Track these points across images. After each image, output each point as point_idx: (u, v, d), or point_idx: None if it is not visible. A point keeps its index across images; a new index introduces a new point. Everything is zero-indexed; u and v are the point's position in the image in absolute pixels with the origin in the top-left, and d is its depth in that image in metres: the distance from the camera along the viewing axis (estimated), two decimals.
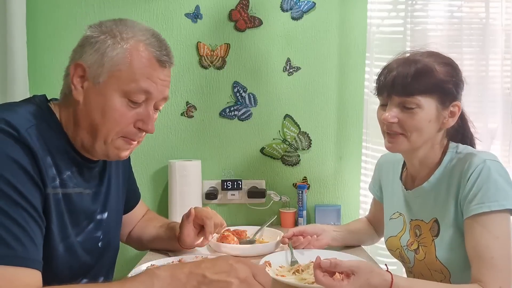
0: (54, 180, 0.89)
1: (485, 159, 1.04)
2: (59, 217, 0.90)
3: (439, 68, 1.07)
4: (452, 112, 1.10)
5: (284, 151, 1.88)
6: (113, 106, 0.91)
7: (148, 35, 0.94)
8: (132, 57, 0.91)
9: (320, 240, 1.35)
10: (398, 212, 1.26)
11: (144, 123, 0.94)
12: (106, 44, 0.91)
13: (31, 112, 0.89)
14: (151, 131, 0.96)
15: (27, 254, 0.77)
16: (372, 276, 0.94)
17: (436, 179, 1.14)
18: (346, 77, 1.86)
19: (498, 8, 1.79)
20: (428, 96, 1.06)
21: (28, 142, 0.82)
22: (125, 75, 0.91)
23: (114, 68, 0.90)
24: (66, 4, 1.80)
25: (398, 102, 1.08)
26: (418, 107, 1.06)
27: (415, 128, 1.08)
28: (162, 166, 1.85)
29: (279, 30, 1.84)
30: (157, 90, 0.94)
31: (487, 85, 1.80)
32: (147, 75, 0.92)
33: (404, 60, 1.10)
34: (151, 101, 0.95)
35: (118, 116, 0.91)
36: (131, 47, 0.91)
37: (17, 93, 1.68)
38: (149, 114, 0.95)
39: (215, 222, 1.17)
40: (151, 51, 0.93)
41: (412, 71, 1.06)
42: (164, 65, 0.95)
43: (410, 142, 1.10)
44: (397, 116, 1.08)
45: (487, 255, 0.98)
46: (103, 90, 0.91)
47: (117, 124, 0.92)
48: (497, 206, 0.99)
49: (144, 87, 0.92)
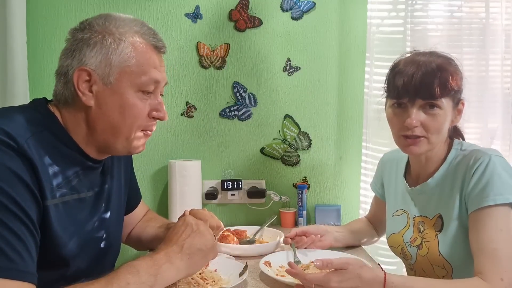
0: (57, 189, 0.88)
1: (490, 154, 1.05)
2: (61, 224, 0.89)
3: (450, 68, 1.09)
4: (459, 110, 1.13)
5: (284, 151, 1.88)
6: (131, 102, 0.92)
7: (140, 25, 0.96)
8: (136, 51, 0.92)
9: (323, 241, 1.35)
10: (402, 209, 1.26)
11: (158, 111, 0.97)
12: (107, 42, 0.90)
13: (30, 119, 0.88)
14: (166, 117, 0.99)
15: (25, 267, 0.76)
16: (363, 271, 0.95)
17: (440, 176, 1.15)
18: (346, 77, 1.86)
19: (498, 8, 1.79)
20: (447, 97, 1.08)
21: (27, 154, 0.81)
22: (135, 69, 0.92)
23: (123, 65, 0.91)
24: (66, 4, 1.80)
25: (420, 104, 1.08)
26: (440, 109, 1.08)
27: (437, 130, 1.09)
28: (162, 166, 1.85)
29: (279, 30, 1.84)
30: (162, 76, 0.97)
31: (487, 85, 1.80)
32: (153, 65, 0.94)
33: (420, 63, 1.08)
34: (158, 89, 0.98)
35: (136, 111, 0.93)
36: (132, 40, 0.92)
37: (16, 93, 1.67)
38: (160, 102, 0.98)
39: (211, 224, 1.17)
40: (148, 40, 0.95)
41: (435, 73, 1.06)
42: (161, 50, 0.97)
43: (431, 144, 1.11)
44: (420, 119, 1.08)
45: (490, 247, 0.98)
46: (116, 89, 0.91)
47: (137, 119, 0.94)
48: (502, 200, 1.00)
49: (155, 77, 0.94)
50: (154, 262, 0.89)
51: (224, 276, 1.12)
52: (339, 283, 0.93)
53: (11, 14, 1.66)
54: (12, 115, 0.87)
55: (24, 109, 0.92)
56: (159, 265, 0.89)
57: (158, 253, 0.92)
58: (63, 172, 0.91)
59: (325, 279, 0.94)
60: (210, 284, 1.06)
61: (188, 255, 0.95)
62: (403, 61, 1.13)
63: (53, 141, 0.89)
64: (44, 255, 0.85)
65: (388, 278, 0.95)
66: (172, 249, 0.94)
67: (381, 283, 0.94)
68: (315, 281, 0.94)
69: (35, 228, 0.82)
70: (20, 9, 1.69)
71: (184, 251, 0.94)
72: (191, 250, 0.95)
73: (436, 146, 1.13)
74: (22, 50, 1.71)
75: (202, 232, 0.99)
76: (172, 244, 0.95)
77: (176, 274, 0.92)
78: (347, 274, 0.94)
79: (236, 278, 1.09)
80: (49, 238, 0.86)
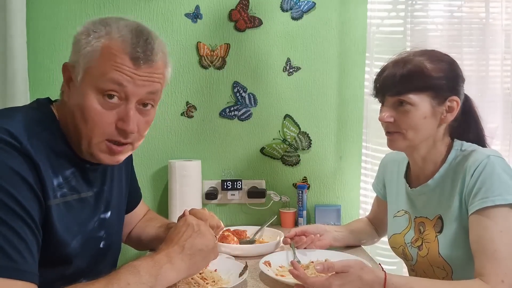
0: (58, 189, 0.88)
1: (489, 155, 1.05)
2: (63, 223, 0.89)
3: (430, 65, 1.09)
4: (450, 107, 1.11)
5: (284, 151, 1.88)
6: (90, 105, 0.88)
7: (125, 31, 0.90)
8: (103, 53, 0.88)
9: (322, 240, 1.35)
10: (403, 210, 1.26)
11: (123, 122, 0.90)
12: (81, 42, 0.90)
13: (33, 119, 0.88)
14: (131, 130, 0.90)
15: (27, 267, 0.76)
16: (364, 272, 0.95)
17: (440, 176, 1.14)
18: (346, 77, 1.86)
19: (498, 8, 1.80)
20: (420, 94, 1.09)
21: (30, 154, 0.81)
22: (95, 71, 0.88)
23: (86, 66, 0.89)
24: (66, 4, 1.80)
25: (392, 102, 1.12)
26: (411, 105, 1.09)
27: (410, 126, 1.10)
28: (162, 166, 1.85)
29: (279, 30, 1.84)
30: (133, 84, 0.89)
31: (487, 85, 1.81)
32: (116, 68, 0.88)
33: (395, 61, 1.13)
34: (131, 98, 0.90)
35: (95, 115, 0.88)
36: (102, 44, 0.89)
37: (17, 93, 1.67)
38: (128, 113, 0.90)
39: (211, 224, 1.17)
40: (123, 48, 0.88)
41: (400, 71, 1.09)
42: (138, 61, 0.89)
43: (408, 140, 1.12)
44: (392, 116, 1.11)
45: (490, 248, 0.98)
46: (80, 89, 0.90)
47: (96, 124, 0.89)
48: (501, 200, 0.99)
49: (115, 78, 0.87)
50: (155, 262, 0.89)
51: (224, 276, 1.12)
52: (340, 286, 0.93)
53: (11, 14, 1.66)
54: (15, 115, 0.87)
55: (26, 109, 0.93)
56: (160, 266, 0.89)
57: (159, 254, 0.92)
58: (63, 172, 0.91)
59: (326, 282, 0.94)
60: (210, 284, 1.06)
61: (189, 255, 0.94)
62: (389, 62, 1.16)
63: (53, 141, 0.90)
64: (47, 254, 0.85)
65: (388, 279, 0.95)
66: (173, 249, 0.94)
67: (381, 284, 0.95)
68: (317, 284, 0.95)
69: (37, 227, 0.82)
70: (20, 9, 1.69)
71: (185, 251, 0.94)
72: (192, 251, 0.95)
73: (418, 143, 1.13)
74: (22, 50, 1.71)
75: (203, 233, 0.99)
76: (173, 244, 0.95)
77: (177, 274, 0.92)
78: (348, 277, 0.94)
79: (236, 278, 1.09)
80: (52, 238, 0.87)
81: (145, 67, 0.90)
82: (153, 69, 0.92)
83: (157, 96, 0.96)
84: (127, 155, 0.98)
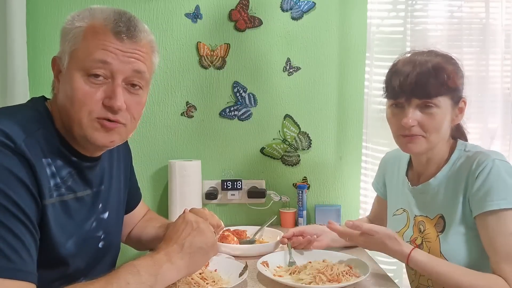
0: (54, 189, 0.88)
1: (494, 158, 1.06)
2: (59, 224, 0.89)
3: (449, 66, 1.10)
4: (460, 108, 1.13)
5: (284, 151, 1.88)
6: (76, 86, 0.88)
7: (108, 12, 0.92)
8: (86, 33, 0.89)
9: (320, 241, 1.35)
10: (402, 209, 1.27)
11: (110, 99, 0.89)
12: (66, 30, 0.92)
13: (28, 119, 0.88)
14: (119, 107, 0.89)
15: (25, 267, 0.76)
16: (391, 242, 1.09)
17: (443, 176, 1.15)
18: (346, 77, 1.86)
19: (498, 8, 1.80)
20: (444, 96, 1.08)
21: (25, 153, 0.81)
22: (80, 52, 0.88)
23: (71, 49, 0.89)
24: (66, 4, 1.80)
25: (417, 104, 1.09)
26: (438, 108, 1.08)
27: (435, 128, 1.10)
28: (162, 166, 1.85)
29: (279, 30, 1.84)
30: (118, 60, 0.89)
31: (487, 85, 1.81)
32: (101, 46, 0.88)
33: (416, 62, 1.10)
34: (117, 76, 0.90)
35: (81, 95, 0.87)
36: (86, 26, 0.90)
37: (17, 93, 1.67)
38: (115, 90, 0.89)
39: (212, 223, 1.17)
40: (106, 24, 0.89)
41: (430, 72, 1.07)
42: (120, 35, 0.89)
43: (430, 142, 1.12)
44: (416, 119, 1.09)
45: (504, 251, 1.01)
46: (66, 74, 0.90)
47: (83, 103, 0.88)
48: (506, 204, 1.02)
49: (100, 57, 0.87)
50: (155, 262, 0.89)
51: (224, 276, 1.12)
52: (365, 242, 1.14)
53: (11, 14, 1.66)
54: (9, 115, 0.87)
55: (21, 108, 0.92)
56: (159, 265, 0.89)
57: (159, 253, 0.92)
58: (59, 171, 0.91)
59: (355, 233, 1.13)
60: (210, 284, 1.06)
61: (188, 254, 0.94)
62: (401, 61, 1.14)
63: (49, 139, 0.89)
64: (43, 254, 0.85)
65: (412, 255, 1.05)
66: (172, 248, 0.93)
67: (404, 257, 1.07)
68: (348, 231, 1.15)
69: (34, 227, 0.82)
70: (20, 9, 1.69)
71: (185, 250, 0.94)
72: (191, 249, 0.95)
73: (435, 145, 1.13)
74: (22, 50, 1.70)
75: (202, 230, 0.98)
76: (172, 243, 0.95)
77: (176, 273, 0.92)
78: (372, 239, 1.11)
79: (236, 278, 1.09)
80: (47, 238, 0.87)
81: (129, 43, 0.91)
82: (137, 45, 0.92)
83: (143, 77, 0.95)
84: (122, 137, 0.96)
